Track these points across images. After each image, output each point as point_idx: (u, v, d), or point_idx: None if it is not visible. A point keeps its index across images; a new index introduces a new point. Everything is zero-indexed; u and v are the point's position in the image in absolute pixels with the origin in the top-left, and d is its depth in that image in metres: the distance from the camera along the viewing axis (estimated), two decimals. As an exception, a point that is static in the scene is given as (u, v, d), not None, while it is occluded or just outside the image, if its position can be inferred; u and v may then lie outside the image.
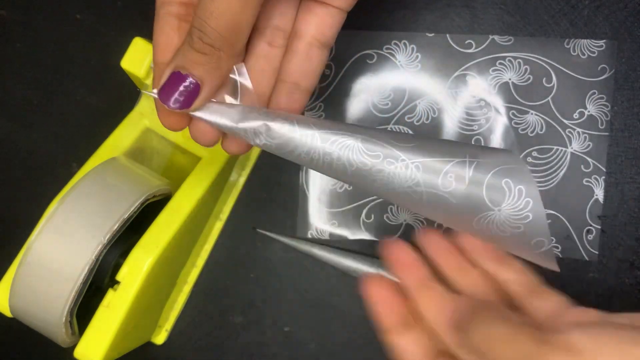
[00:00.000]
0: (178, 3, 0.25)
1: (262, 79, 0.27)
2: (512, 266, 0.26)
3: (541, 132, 0.40)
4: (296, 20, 0.27)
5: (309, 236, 0.41)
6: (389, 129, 0.41)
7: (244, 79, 0.26)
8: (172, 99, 0.24)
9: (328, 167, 0.25)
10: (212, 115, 0.25)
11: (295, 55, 0.27)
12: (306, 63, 0.27)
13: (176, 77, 0.24)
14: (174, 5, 0.25)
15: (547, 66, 0.40)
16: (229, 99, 0.26)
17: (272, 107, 0.27)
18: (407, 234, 0.41)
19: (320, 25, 0.27)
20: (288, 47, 0.27)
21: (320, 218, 0.41)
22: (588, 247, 0.40)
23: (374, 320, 0.26)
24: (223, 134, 0.27)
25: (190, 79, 0.24)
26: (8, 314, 0.32)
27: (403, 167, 0.24)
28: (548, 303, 0.25)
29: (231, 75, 0.26)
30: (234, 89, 0.26)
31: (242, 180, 0.42)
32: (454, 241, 0.27)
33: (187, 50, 0.23)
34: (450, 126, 0.41)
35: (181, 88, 0.24)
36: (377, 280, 0.27)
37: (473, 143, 0.41)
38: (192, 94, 0.24)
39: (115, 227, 0.30)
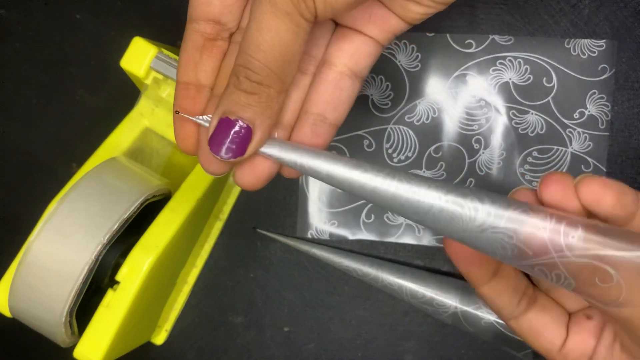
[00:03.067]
0: (205, 20, 0.23)
1: (286, 107, 0.24)
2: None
3: (541, 132, 0.40)
4: (328, 47, 0.25)
5: (309, 236, 0.41)
6: (388, 129, 0.41)
7: None
8: (224, 149, 0.22)
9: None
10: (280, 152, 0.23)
11: (324, 84, 0.25)
12: (335, 93, 0.25)
13: (225, 124, 0.21)
14: (201, 23, 0.23)
15: (547, 66, 0.40)
16: None
17: (294, 139, 0.25)
18: (407, 235, 0.41)
19: (354, 54, 0.25)
20: (317, 75, 0.25)
21: (320, 218, 0.41)
22: (588, 247, 0.40)
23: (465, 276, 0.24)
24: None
25: (240, 124, 0.21)
26: (8, 314, 0.32)
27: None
28: None
29: None
30: None
31: (242, 180, 0.42)
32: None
33: (233, 92, 0.21)
34: (451, 126, 0.41)
35: (232, 135, 0.21)
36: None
37: (473, 141, 0.41)
38: (245, 139, 0.22)
39: (115, 227, 0.30)
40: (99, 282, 0.31)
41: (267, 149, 0.23)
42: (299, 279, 0.41)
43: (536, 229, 0.20)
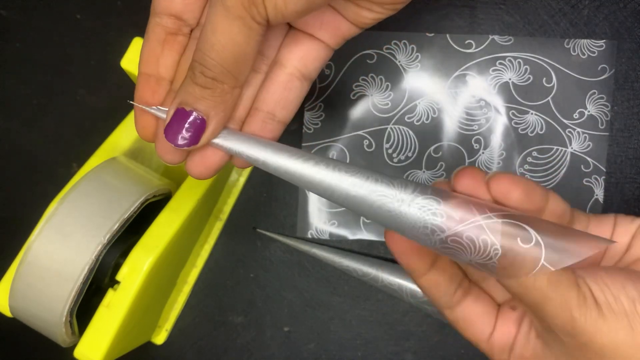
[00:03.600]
0: (168, 15, 0.25)
1: (238, 102, 0.26)
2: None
3: (541, 132, 0.40)
4: (280, 48, 0.26)
5: (309, 236, 0.41)
6: (388, 129, 0.41)
7: None
8: (179, 137, 0.23)
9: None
10: (234, 143, 0.24)
11: (274, 84, 0.26)
12: (284, 93, 0.26)
13: (181, 114, 0.23)
14: (163, 18, 0.25)
15: (547, 66, 0.40)
16: None
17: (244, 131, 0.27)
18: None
19: (303, 57, 0.26)
20: (268, 75, 0.26)
21: (320, 218, 0.41)
22: (588, 247, 0.40)
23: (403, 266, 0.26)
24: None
25: (195, 115, 0.23)
26: (8, 313, 0.32)
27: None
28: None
29: None
30: None
31: (242, 180, 0.42)
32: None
33: (189, 85, 0.23)
34: (450, 126, 0.41)
35: (187, 125, 0.23)
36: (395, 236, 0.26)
37: (473, 141, 0.41)
38: (199, 129, 0.23)
39: (115, 227, 0.30)
40: (99, 282, 0.31)
41: (217, 140, 0.24)
42: (299, 279, 0.41)
43: (456, 204, 0.22)
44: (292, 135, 0.42)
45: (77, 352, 0.31)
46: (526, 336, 0.25)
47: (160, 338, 0.41)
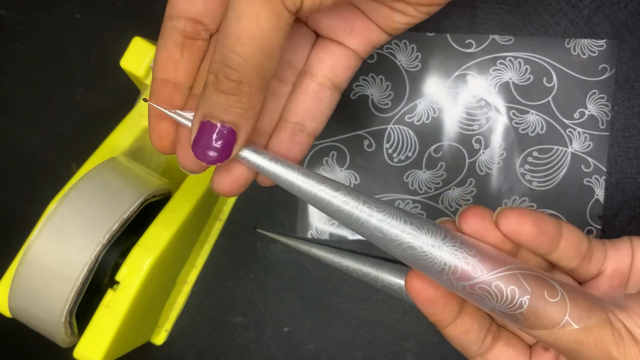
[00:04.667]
0: (185, 19, 0.23)
1: (265, 115, 0.24)
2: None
3: (541, 132, 0.40)
4: (309, 57, 0.25)
5: (309, 236, 0.41)
6: (388, 129, 0.41)
7: None
8: (209, 154, 0.21)
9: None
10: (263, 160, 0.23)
11: (304, 94, 0.25)
12: (315, 103, 0.25)
13: (207, 127, 0.21)
14: (181, 21, 0.23)
15: (547, 66, 0.40)
16: None
17: (271, 146, 0.25)
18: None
19: (334, 66, 0.25)
20: (297, 85, 0.25)
21: (320, 218, 0.41)
22: (588, 247, 0.40)
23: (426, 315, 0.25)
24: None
25: (222, 126, 0.21)
26: (7, 314, 0.32)
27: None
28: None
29: None
30: None
31: (242, 180, 0.42)
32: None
33: (213, 93, 0.20)
34: (451, 126, 0.41)
35: (214, 136, 0.21)
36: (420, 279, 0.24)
37: (473, 141, 0.41)
38: (229, 142, 0.21)
39: (115, 227, 0.30)
40: (98, 282, 0.31)
41: (250, 156, 0.23)
42: (299, 279, 0.41)
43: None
44: (292, 135, 0.42)
45: (76, 353, 0.31)
46: None
47: (160, 338, 0.41)
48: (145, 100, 0.23)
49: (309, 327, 0.41)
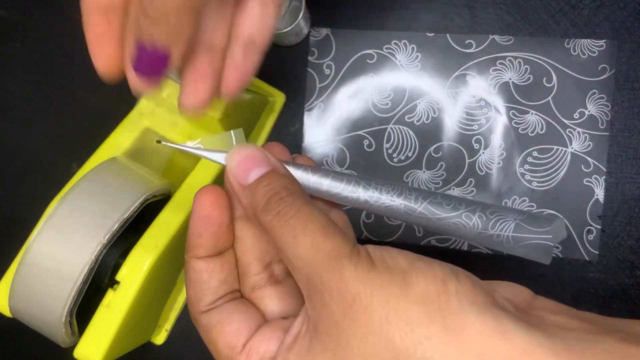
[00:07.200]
0: None
1: (215, 31, 0.24)
2: None
3: (541, 132, 0.40)
4: None
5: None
6: (388, 128, 0.41)
7: None
8: (148, 72, 0.23)
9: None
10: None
11: (250, 9, 0.25)
12: (262, 17, 0.25)
13: (141, 49, 0.22)
14: None
15: (547, 66, 0.40)
16: None
17: (228, 65, 0.25)
18: (407, 234, 0.41)
19: None
20: (242, 3, 0.25)
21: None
22: (588, 247, 0.40)
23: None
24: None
25: (156, 48, 0.22)
26: (8, 314, 0.32)
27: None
28: None
29: None
30: None
31: (242, 180, 0.42)
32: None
33: (141, 20, 0.21)
34: (450, 126, 0.41)
35: (149, 56, 0.22)
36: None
37: (473, 141, 0.41)
38: (163, 59, 0.22)
39: (115, 227, 0.30)
40: (99, 282, 0.31)
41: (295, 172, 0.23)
42: (299, 279, 0.41)
43: None
44: (292, 136, 0.42)
45: (76, 352, 0.31)
46: (294, 339, 0.20)
47: (160, 338, 0.41)
48: (158, 141, 0.24)
49: (309, 327, 0.41)
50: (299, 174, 0.23)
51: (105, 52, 0.24)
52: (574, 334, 0.17)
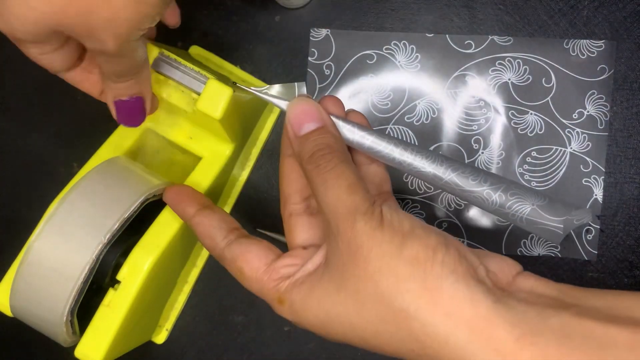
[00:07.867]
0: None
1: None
2: None
3: (540, 132, 0.40)
4: None
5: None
6: (388, 129, 0.41)
7: None
8: (131, 120, 0.31)
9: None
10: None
11: None
12: None
13: (120, 104, 0.30)
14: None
15: (546, 66, 0.40)
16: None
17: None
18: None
19: None
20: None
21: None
22: (587, 247, 0.40)
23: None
24: None
25: (130, 99, 0.29)
26: (9, 313, 0.32)
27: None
28: None
29: None
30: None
31: (242, 179, 0.42)
32: None
33: (114, 82, 0.28)
34: (450, 126, 0.41)
35: (129, 107, 0.30)
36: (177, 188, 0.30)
37: (472, 142, 0.41)
38: (139, 106, 0.30)
39: (116, 226, 0.30)
40: (99, 281, 0.31)
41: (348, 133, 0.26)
42: (299, 279, 0.41)
43: None
44: (292, 135, 0.42)
45: (77, 352, 0.31)
46: (314, 267, 0.24)
47: (160, 337, 0.41)
48: (234, 83, 0.30)
49: (308, 327, 0.41)
50: (347, 129, 0.26)
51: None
52: (536, 309, 0.20)
